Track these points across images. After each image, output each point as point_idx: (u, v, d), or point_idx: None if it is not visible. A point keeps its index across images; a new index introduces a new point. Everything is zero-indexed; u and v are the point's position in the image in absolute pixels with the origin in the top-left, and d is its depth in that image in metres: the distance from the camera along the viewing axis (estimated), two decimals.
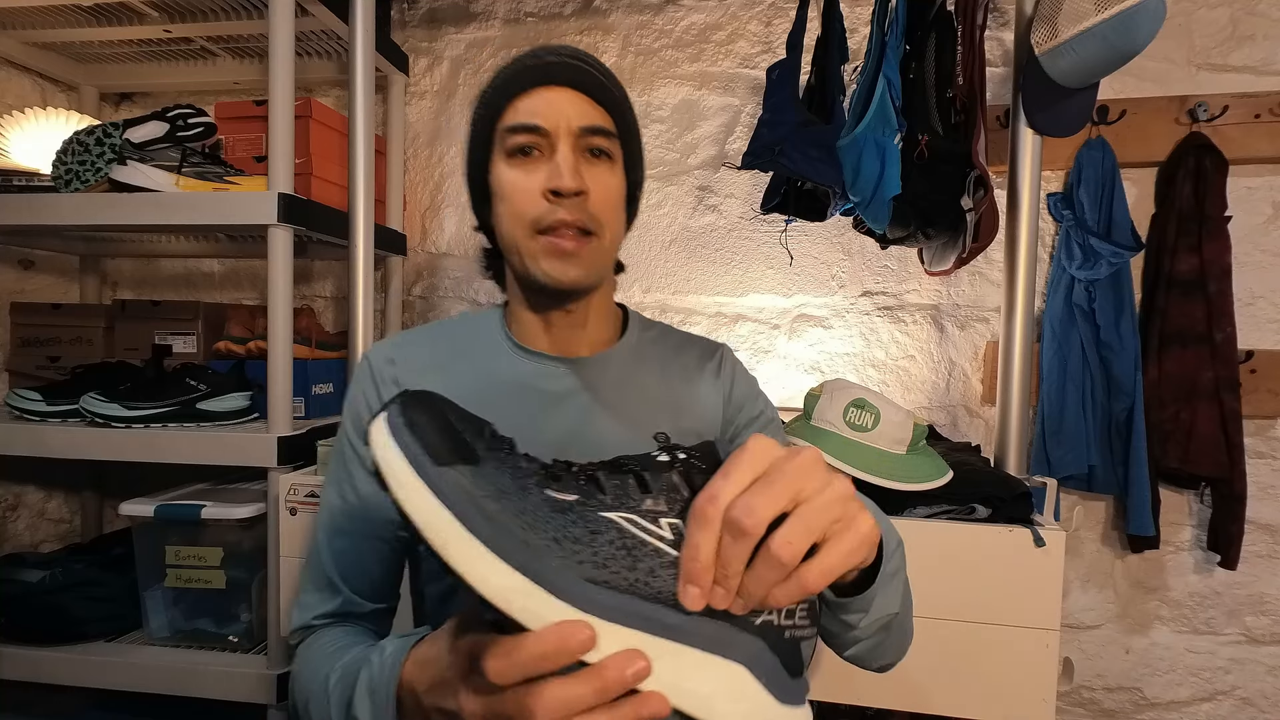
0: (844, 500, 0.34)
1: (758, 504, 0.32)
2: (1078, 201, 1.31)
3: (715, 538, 0.32)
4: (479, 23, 1.57)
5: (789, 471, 0.33)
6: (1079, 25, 0.98)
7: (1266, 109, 1.25)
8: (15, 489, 1.52)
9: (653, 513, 0.34)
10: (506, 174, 0.62)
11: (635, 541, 0.33)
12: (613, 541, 0.33)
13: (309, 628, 0.66)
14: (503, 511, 0.32)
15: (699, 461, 0.37)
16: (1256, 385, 1.27)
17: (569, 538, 0.32)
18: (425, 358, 0.69)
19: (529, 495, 0.34)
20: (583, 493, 0.35)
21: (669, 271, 1.52)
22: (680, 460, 0.36)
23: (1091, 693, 1.38)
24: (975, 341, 1.41)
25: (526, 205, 0.61)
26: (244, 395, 1.27)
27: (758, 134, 1.16)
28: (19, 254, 1.54)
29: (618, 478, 0.36)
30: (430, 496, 0.32)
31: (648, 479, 0.35)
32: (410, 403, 0.36)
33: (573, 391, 0.68)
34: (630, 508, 0.34)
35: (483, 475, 0.33)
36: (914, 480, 0.96)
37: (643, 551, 0.33)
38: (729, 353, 0.77)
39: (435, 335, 0.73)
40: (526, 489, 0.34)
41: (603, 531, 0.33)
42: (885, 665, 0.60)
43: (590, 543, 0.33)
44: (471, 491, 0.32)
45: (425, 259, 1.62)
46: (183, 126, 1.16)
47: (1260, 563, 1.31)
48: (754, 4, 1.47)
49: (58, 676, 1.17)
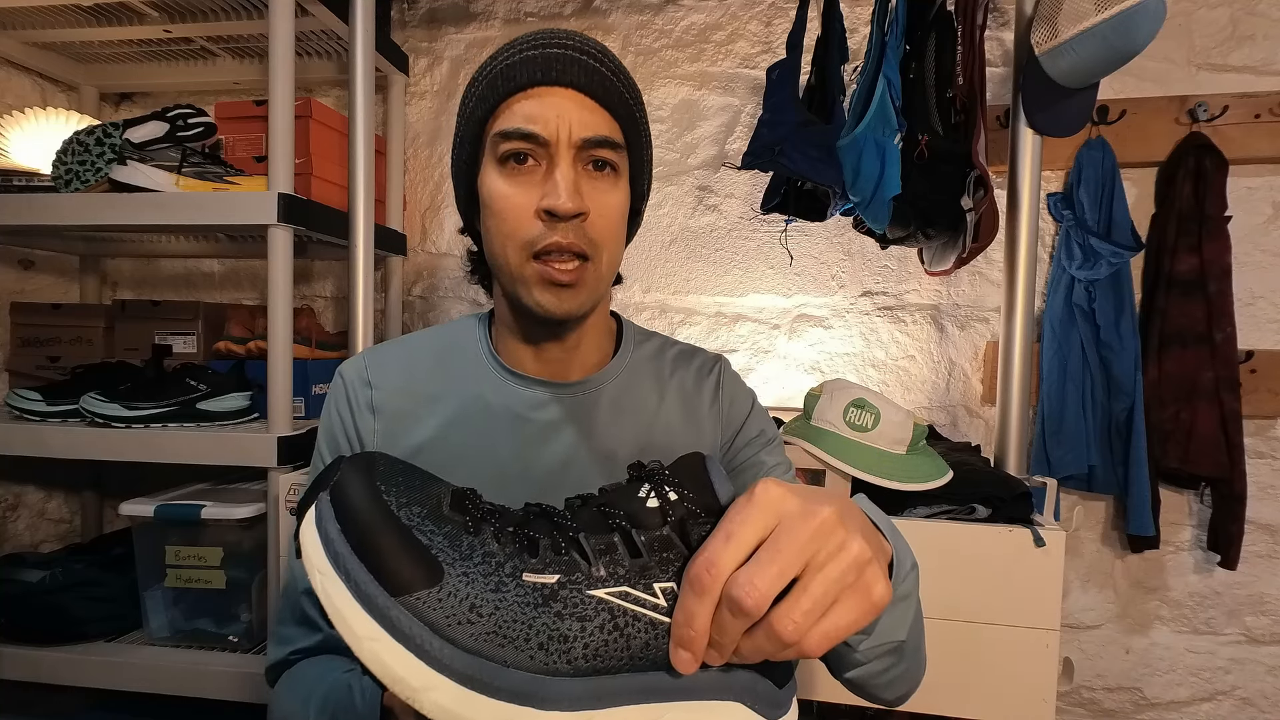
0: (859, 566, 0.31)
1: (761, 580, 0.29)
2: (1078, 201, 1.31)
3: (712, 608, 0.29)
4: (479, 23, 1.57)
5: (800, 536, 0.30)
6: (1079, 25, 0.98)
7: (1266, 109, 1.25)
8: (15, 489, 1.52)
9: (644, 581, 0.31)
10: (497, 184, 0.55)
11: (629, 619, 0.30)
12: (603, 626, 0.30)
13: (287, 662, 0.62)
14: (477, 636, 0.29)
15: (686, 491, 0.33)
16: (1256, 385, 1.27)
17: (557, 637, 0.30)
18: (402, 380, 0.64)
19: (505, 593, 0.30)
20: (566, 569, 0.31)
21: (669, 271, 1.52)
22: (668, 499, 0.33)
23: (1091, 693, 1.38)
24: (975, 341, 1.41)
25: (518, 225, 0.54)
26: (244, 395, 1.27)
27: (758, 134, 1.16)
28: (19, 254, 1.54)
29: (604, 540, 0.32)
30: (390, 641, 0.28)
31: (636, 540, 0.32)
32: (347, 498, 0.31)
33: (564, 420, 0.62)
34: (620, 578, 0.31)
35: (449, 594, 0.29)
36: (914, 480, 0.96)
37: (637, 628, 0.31)
38: (727, 367, 0.72)
39: (414, 353, 0.66)
40: (502, 585, 0.30)
41: (592, 618, 0.30)
42: (896, 698, 0.53)
43: (581, 635, 0.30)
44: (438, 622, 0.28)
45: (425, 259, 1.62)
46: (183, 126, 1.16)
47: (1260, 563, 1.31)
48: (754, 4, 1.47)
49: (58, 676, 1.16)
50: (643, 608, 0.31)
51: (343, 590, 0.29)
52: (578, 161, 0.55)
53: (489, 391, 0.63)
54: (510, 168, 0.55)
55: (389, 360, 0.65)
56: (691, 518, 0.32)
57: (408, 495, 0.31)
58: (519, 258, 0.55)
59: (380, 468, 0.33)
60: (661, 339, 0.72)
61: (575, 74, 0.54)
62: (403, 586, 0.28)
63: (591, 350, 0.65)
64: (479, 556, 0.30)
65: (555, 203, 0.53)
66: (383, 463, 0.34)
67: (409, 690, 0.28)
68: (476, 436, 0.62)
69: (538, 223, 0.54)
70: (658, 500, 0.33)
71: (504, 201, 0.55)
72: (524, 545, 0.32)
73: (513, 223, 0.55)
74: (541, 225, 0.54)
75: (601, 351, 0.67)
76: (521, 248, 0.55)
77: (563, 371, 0.64)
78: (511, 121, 0.54)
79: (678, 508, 0.33)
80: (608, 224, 0.57)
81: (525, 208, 0.54)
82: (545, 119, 0.53)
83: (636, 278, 1.52)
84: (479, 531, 0.31)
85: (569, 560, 0.31)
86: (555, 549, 0.32)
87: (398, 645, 0.28)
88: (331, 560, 0.30)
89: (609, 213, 0.57)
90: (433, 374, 0.64)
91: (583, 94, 0.55)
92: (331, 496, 0.31)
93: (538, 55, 0.54)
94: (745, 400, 0.71)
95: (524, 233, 0.55)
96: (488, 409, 0.62)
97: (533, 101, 0.54)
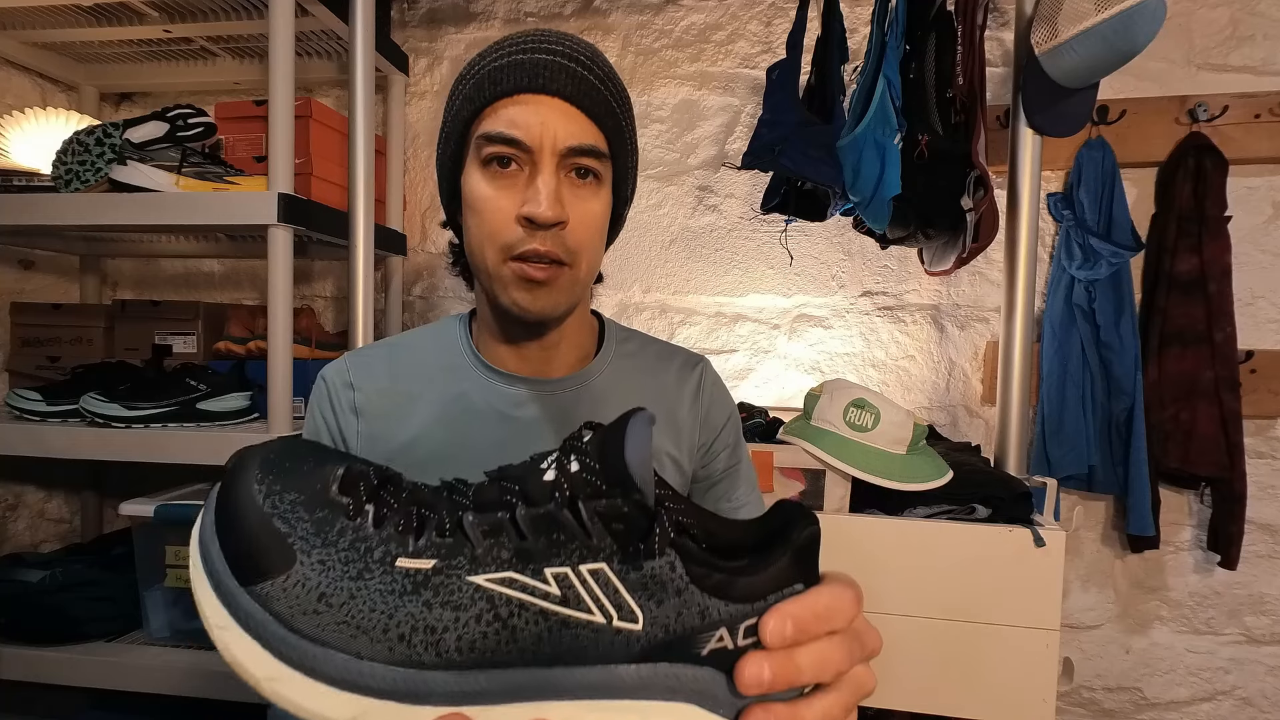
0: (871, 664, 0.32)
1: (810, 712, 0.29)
2: (1078, 201, 1.31)
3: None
4: (479, 23, 1.57)
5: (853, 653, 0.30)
6: (1079, 25, 0.98)
7: (1266, 109, 1.25)
8: (15, 489, 1.52)
9: (532, 566, 0.28)
10: (479, 186, 0.56)
11: (513, 608, 0.28)
12: (481, 616, 0.28)
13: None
14: (325, 626, 0.27)
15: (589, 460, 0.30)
16: (1256, 385, 1.27)
17: (422, 628, 0.27)
18: (385, 381, 0.64)
19: (367, 581, 0.28)
20: (447, 553, 0.28)
21: (669, 271, 1.52)
22: (567, 470, 0.30)
23: (1091, 693, 1.38)
24: (975, 341, 1.41)
25: (498, 228, 0.55)
26: (244, 395, 1.27)
27: (758, 134, 1.16)
28: (19, 254, 1.54)
29: (489, 519, 0.29)
30: (238, 631, 0.27)
31: (521, 520, 0.29)
32: (221, 488, 0.30)
33: (546, 418, 0.63)
34: (504, 563, 0.28)
35: (297, 582, 0.27)
36: (914, 480, 0.96)
37: (524, 618, 0.28)
38: (709, 369, 0.72)
39: (396, 354, 0.66)
40: (365, 573, 0.28)
41: (468, 607, 0.28)
42: None
43: (454, 626, 0.28)
44: (283, 612, 0.27)
45: (425, 259, 1.62)
46: (183, 126, 1.16)
47: (1260, 563, 1.31)
48: (754, 4, 1.47)
49: (57, 676, 1.16)
50: (531, 595, 0.28)
51: (203, 579, 0.28)
52: (560, 169, 0.55)
53: (472, 390, 0.63)
54: (493, 170, 0.55)
55: (371, 362, 0.65)
56: (586, 490, 0.29)
57: (283, 482, 0.30)
58: (497, 258, 0.56)
59: (272, 455, 0.31)
60: (643, 338, 0.73)
61: (562, 82, 0.54)
62: (252, 575, 0.28)
63: (572, 348, 0.66)
64: (346, 543, 0.29)
65: (535, 210, 0.53)
66: (276, 450, 0.32)
67: (254, 680, 0.27)
68: (460, 435, 0.62)
69: (518, 228, 0.54)
70: (555, 473, 0.30)
71: (485, 204, 0.55)
72: (409, 528, 0.29)
73: (493, 225, 0.55)
74: (521, 231, 0.54)
75: (583, 350, 0.68)
76: (499, 250, 0.55)
77: (544, 369, 0.64)
78: (496, 125, 0.54)
79: (574, 481, 0.29)
80: (587, 232, 0.57)
81: (506, 211, 0.55)
82: (529, 125, 0.53)
83: (637, 278, 1.52)
84: (357, 515, 0.30)
85: (452, 543, 0.29)
86: (440, 530, 0.29)
87: (244, 634, 0.27)
88: (200, 551, 0.29)
89: (589, 221, 0.57)
90: (415, 374, 0.64)
91: (568, 103, 0.54)
92: (215, 486, 0.31)
93: (525, 61, 0.54)
94: (723, 404, 0.71)
95: (503, 236, 0.55)
96: (471, 408, 0.63)
97: (518, 107, 0.54)
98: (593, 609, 0.28)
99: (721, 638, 0.29)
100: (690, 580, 0.29)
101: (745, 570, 0.30)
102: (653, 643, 0.29)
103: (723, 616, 0.29)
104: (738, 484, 0.72)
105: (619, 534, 0.29)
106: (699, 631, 0.29)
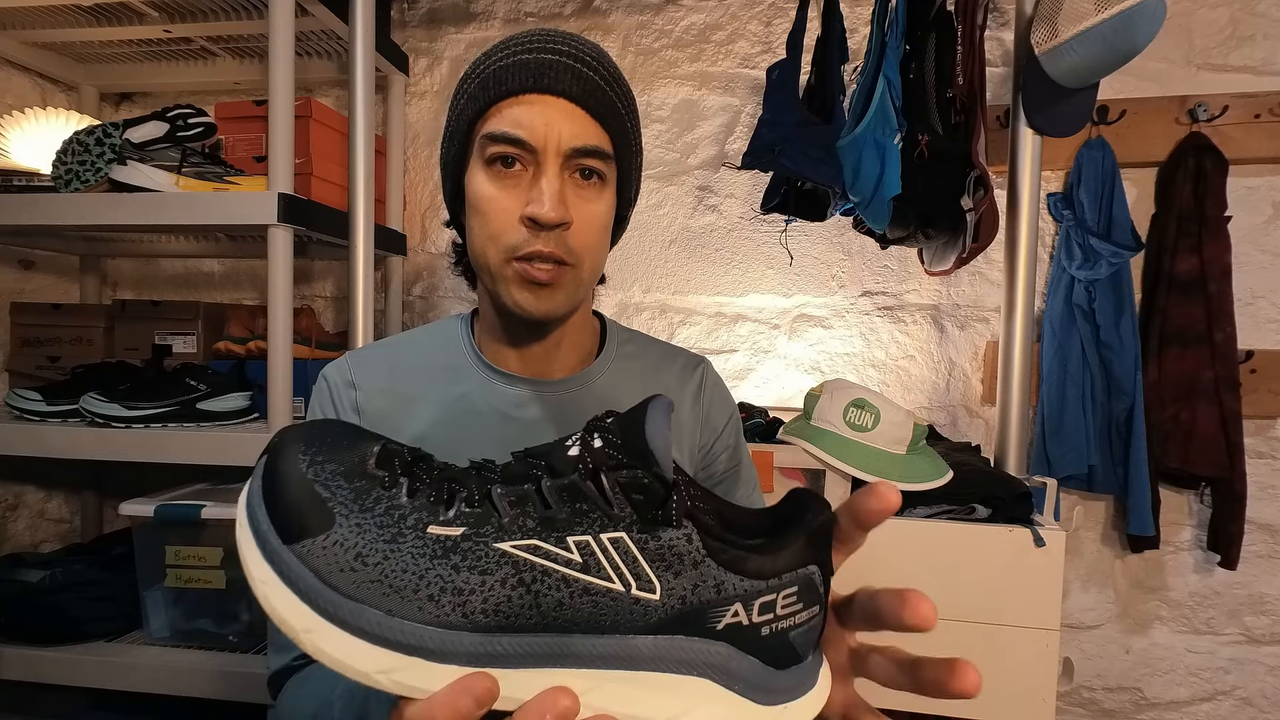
0: None
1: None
2: (1078, 201, 1.31)
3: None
4: (479, 23, 1.57)
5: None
6: (1079, 25, 0.98)
7: (1266, 109, 1.25)
8: (15, 489, 1.52)
9: (555, 534, 0.30)
10: (483, 186, 0.56)
11: (536, 574, 0.29)
12: (505, 580, 0.29)
13: (290, 669, 0.60)
14: (360, 584, 0.29)
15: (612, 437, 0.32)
16: (1256, 385, 1.27)
17: (450, 589, 0.29)
18: (386, 381, 0.64)
19: (400, 544, 0.30)
20: (475, 521, 0.30)
21: (669, 271, 1.52)
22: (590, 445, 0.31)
23: (1091, 693, 1.38)
24: (975, 341, 1.41)
25: (501, 229, 0.55)
26: (244, 395, 1.27)
27: (758, 134, 1.16)
28: (19, 254, 1.54)
29: (516, 490, 0.31)
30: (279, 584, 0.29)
31: (546, 490, 0.31)
32: (267, 459, 0.32)
33: (548, 419, 0.63)
34: (529, 531, 0.30)
35: (336, 542, 0.29)
36: (914, 480, 0.96)
37: (546, 584, 0.29)
38: (709, 370, 0.72)
39: (397, 353, 0.66)
40: (399, 537, 0.30)
41: (493, 572, 0.29)
42: None
43: (480, 589, 0.29)
44: (321, 568, 0.29)
45: (425, 259, 1.62)
46: (183, 126, 1.16)
47: (1260, 563, 1.31)
48: (754, 4, 1.47)
49: (57, 676, 1.16)
50: (553, 562, 0.29)
51: (250, 538, 0.30)
52: (565, 170, 0.55)
53: (473, 390, 0.63)
54: (497, 170, 0.55)
55: (372, 361, 0.65)
56: (609, 462, 0.31)
57: (325, 454, 0.32)
58: (500, 258, 0.56)
59: (314, 431, 0.34)
60: (644, 339, 0.73)
61: (568, 82, 0.54)
62: (294, 534, 0.29)
63: (574, 349, 0.66)
64: (381, 509, 0.30)
65: (539, 211, 0.53)
66: (318, 428, 0.34)
67: (292, 631, 0.29)
68: (461, 435, 0.62)
69: (521, 228, 0.54)
70: (579, 448, 0.32)
71: (489, 204, 0.55)
72: (440, 499, 0.31)
73: (496, 225, 0.55)
74: (525, 231, 0.54)
75: (584, 350, 0.67)
76: (502, 250, 0.55)
77: (545, 370, 0.64)
78: (500, 125, 0.54)
79: (597, 455, 0.31)
80: (591, 233, 0.57)
81: (510, 212, 0.54)
82: (534, 126, 0.53)
83: (637, 278, 1.52)
84: (392, 486, 0.31)
85: (481, 513, 0.30)
86: (469, 502, 0.31)
87: (285, 588, 0.29)
88: (248, 513, 0.31)
89: (593, 222, 0.57)
90: (417, 374, 0.64)
91: (574, 103, 0.54)
92: (262, 458, 0.33)
93: (531, 60, 0.54)
94: (726, 406, 0.71)
95: (507, 237, 0.55)
96: (472, 408, 0.62)
97: (523, 107, 0.54)
98: (612, 577, 0.30)
99: (736, 613, 0.30)
100: (707, 553, 0.30)
101: (761, 549, 0.31)
102: (669, 614, 0.30)
103: (738, 591, 0.30)
104: (739, 484, 0.72)
105: (639, 504, 0.30)
106: (714, 605, 0.30)
